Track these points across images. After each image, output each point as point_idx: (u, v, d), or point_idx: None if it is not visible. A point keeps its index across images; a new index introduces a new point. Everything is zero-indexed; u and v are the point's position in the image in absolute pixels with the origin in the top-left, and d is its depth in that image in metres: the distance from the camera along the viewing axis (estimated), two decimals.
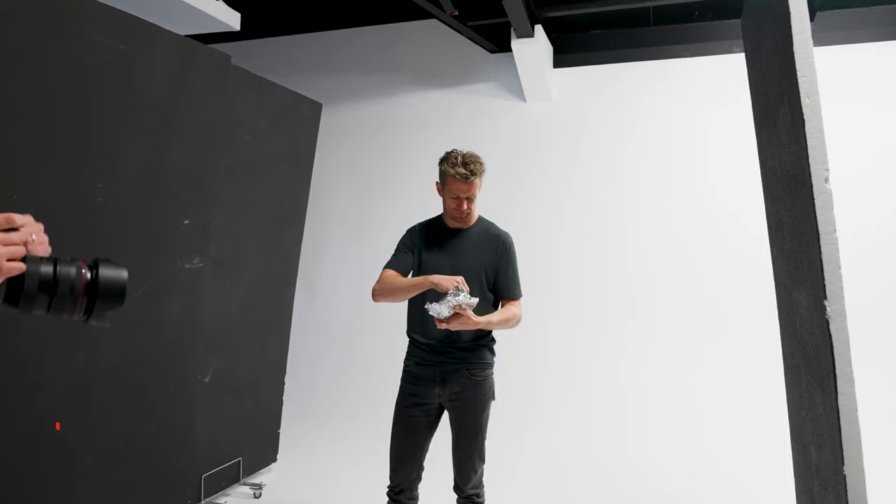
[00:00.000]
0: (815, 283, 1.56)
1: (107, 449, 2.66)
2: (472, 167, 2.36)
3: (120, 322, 2.66)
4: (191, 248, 2.97)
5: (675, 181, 5.01)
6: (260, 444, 3.79)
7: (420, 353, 2.50)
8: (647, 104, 5.14)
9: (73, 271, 0.91)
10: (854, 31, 4.62)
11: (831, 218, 1.47)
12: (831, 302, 1.46)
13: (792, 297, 1.97)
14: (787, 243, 1.95)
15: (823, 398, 1.61)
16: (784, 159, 1.81)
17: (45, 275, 0.89)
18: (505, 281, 2.47)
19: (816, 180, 1.48)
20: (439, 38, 5.64)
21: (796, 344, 1.97)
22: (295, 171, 3.82)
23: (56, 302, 0.90)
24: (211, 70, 2.93)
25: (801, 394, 1.94)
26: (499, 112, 5.47)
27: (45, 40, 2.21)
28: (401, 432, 2.49)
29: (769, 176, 2.15)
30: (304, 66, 5.84)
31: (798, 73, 1.51)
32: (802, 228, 1.66)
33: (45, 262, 0.90)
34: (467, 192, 2.38)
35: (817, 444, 1.76)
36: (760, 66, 2.08)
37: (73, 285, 0.91)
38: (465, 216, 2.45)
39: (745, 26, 2.34)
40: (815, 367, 1.69)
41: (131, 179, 2.63)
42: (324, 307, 5.62)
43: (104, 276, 0.94)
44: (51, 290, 0.89)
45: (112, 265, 0.96)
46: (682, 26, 5.10)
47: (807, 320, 1.76)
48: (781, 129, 1.81)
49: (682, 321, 4.79)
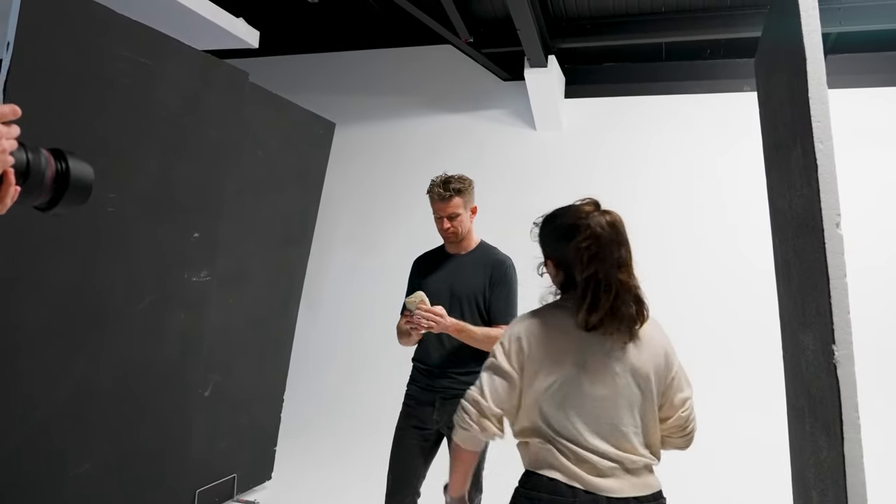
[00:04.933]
0: (822, 327, 1.56)
1: (102, 461, 2.65)
2: (452, 185, 2.39)
3: (123, 332, 2.66)
4: (199, 261, 2.98)
5: (684, 216, 5.02)
6: (255, 461, 3.76)
7: (421, 379, 2.50)
8: (657, 138, 5.17)
9: (42, 162, 0.89)
10: (862, 76, 4.66)
11: (842, 263, 1.48)
12: (839, 347, 1.46)
13: (797, 339, 1.96)
14: (795, 284, 1.95)
15: (829, 443, 1.60)
16: (794, 201, 1.82)
17: (20, 165, 0.87)
18: (496, 303, 2.41)
19: (828, 225, 1.49)
20: (453, 64, 5.70)
21: (801, 385, 1.96)
22: (305, 190, 3.84)
23: (22, 194, 0.88)
24: (228, 86, 2.97)
25: (805, 436, 1.93)
26: (509, 139, 5.51)
27: (68, 51, 2.24)
28: (398, 455, 2.48)
29: (778, 215, 2.16)
30: (318, 86, 5.90)
31: (812, 118, 1.52)
32: (811, 271, 1.66)
33: (18, 150, 0.87)
34: (446, 211, 2.40)
35: (820, 489, 1.75)
36: (773, 107, 2.10)
37: (42, 177, 0.89)
38: (451, 236, 2.45)
39: (759, 67, 2.37)
40: (820, 410, 1.68)
41: (143, 191, 2.65)
42: (325, 326, 5.61)
43: (75, 170, 0.92)
44: (22, 181, 0.87)
45: (79, 160, 0.94)
46: (694, 63, 5.16)
47: (812, 363, 1.75)
48: (793, 171, 1.82)
49: (693, 356, 4.76)
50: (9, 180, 0.85)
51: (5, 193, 0.85)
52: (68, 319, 2.43)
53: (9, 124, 0.84)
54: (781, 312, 2.23)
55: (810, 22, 1.57)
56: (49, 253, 2.31)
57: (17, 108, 0.85)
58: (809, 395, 1.81)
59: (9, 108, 0.84)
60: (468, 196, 2.45)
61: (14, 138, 0.85)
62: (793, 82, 1.70)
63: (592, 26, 4.92)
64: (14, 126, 0.85)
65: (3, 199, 0.85)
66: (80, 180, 0.93)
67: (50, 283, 2.34)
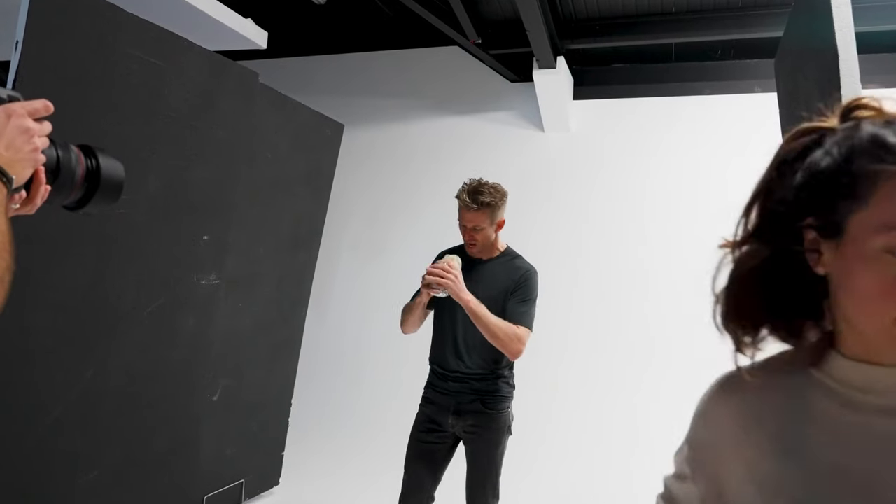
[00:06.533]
0: None
1: (112, 467, 2.61)
2: (480, 197, 2.29)
3: (132, 336, 2.63)
4: (208, 263, 2.95)
5: (693, 217, 4.97)
6: (263, 467, 3.72)
7: (438, 382, 2.46)
8: (666, 139, 5.13)
9: (72, 159, 0.86)
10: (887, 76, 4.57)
11: None
12: None
13: None
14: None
15: None
16: None
17: (50, 163, 0.83)
18: (514, 307, 2.31)
19: None
20: (461, 65, 5.67)
21: None
22: (314, 192, 3.81)
23: (52, 192, 0.85)
24: (238, 87, 2.93)
25: None
26: (517, 141, 5.47)
27: (77, 50, 2.20)
28: (413, 457, 2.45)
29: None
30: (325, 87, 5.87)
31: None
32: None
33: (48, 147, 0.84)
34: (471, 222, 2.33)
35: None
36: (797, 108, 2.05)
37: (73, 175, 0.86)
38: (470, 247, 2.40)
39: (780, 67, 2.33)
40: None
41: (153, 192, 2.61)
42: (333, 330, 5.57)
43: (105, 167, 0.88)
44: (52, 179, 0.84)
45: (109, 157, 0.90)
46: (704, 64, 5.12)
47: None
48: None
49: (701, 359, 4.72)
50: (39, 179, 0.81)
51: (35, 193, 0.81)
52: (78, 324, 2.40)
53: (41, 121, 0.80)
54: None
55: (842, 18, 1.53)
56: (59, 256, 2.28)
57: (49, 103, 0.81)
58: None
59: (41, 104, 0.80)
60: (497, 210, 2.35)
61: (46, 135, 0.81)
62: (822, 81, 1.66)
63: (601, 27, 4.88)
64: (46, 123, 0.81)
65: (34, 198, 0.81)
66: (111, 178, 0.89)
67: (60, 287, 2.30)
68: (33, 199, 0.82)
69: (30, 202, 0.82)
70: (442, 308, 2.43)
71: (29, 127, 0.78)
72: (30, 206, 0.82)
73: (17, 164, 0.76)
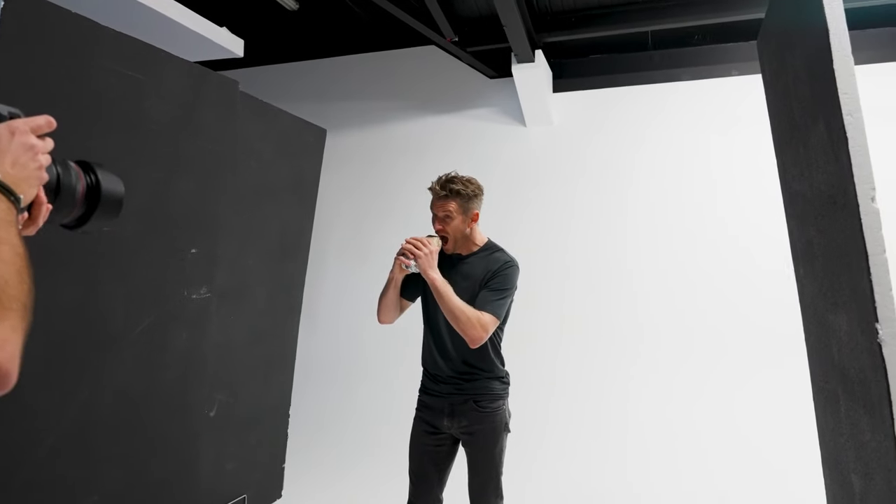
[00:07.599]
0: (861, 306, 1.52)
1: (111, 491, 2.55)
2: (451, 185, 2.29)
3: (125, 356, 2.57)
4: (198, 277, 2.90)
5: (679, 205, 4.99)
6: (264, 480, 3.67)
7: (430, 385, 2.43)
8: (648, 127, 5.15)
9: (72, 176, 0.83)
10: (875, 52, 4.57)
11: (880, 238, 1.43)
12: (884, 325, 1.41)
13: (825, 320, 1.92)
14: (819, 265, 1.91)
15: (873, 425, 1.55)
16: (818, 179, 1.78)
17: (51, 181, 0.80)
18: (484, 294, 2.25)
19: (863, 200, 1.44)
20: (439, 64, 5.65)
21: (832, 368, 1.91)
22: (299, 199, 3.76)
23: (52, 211, 0.81)
24: (219, 97, 2.89)
25: (840, 420, 1.89)
26: (499, 137, 5.46)
27: (55, 65, 2.15)
28: (416, 462, 2.42)
29: (795, 198, 2.11)
30: (304, 94, 5.82)
31: (839, 90, 1.48)
32: (842, 249, 1.62)
33: (49, 166, 0.81)
34: (441, 210, 2.32)
35: (863, 473, 1.70)
36: (784, 87, 2.05)
37: (73, 193, 0.83)
38: (445, 242, 2.35)
39: (764, 48, 2.33)
40: (860, 392, 1.63)
41: (139, 207, 2.56)
42: (326, 337, 5.52)
43: (105, 184, 0.86)
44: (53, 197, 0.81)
45: (108, 172, 0.87)
46: (681, 50, 5.14)
47: (847, 344, 1.71)
48: (814, 149, 1.78)
49: (690, 347, 4.74)
50: (40, 198, 0.77)
51: (37, 213, 0.77)
52: (70, 346, 2.34)
53: (43, 137, 0.76)
54: (803, 296, 2.19)
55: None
56: (46, 278, 2.22)
57: (52, 119, 0.77)
58: (844, 376, 1.77)
59: (44, 120, 0.76)
60: (469, 202, 2.32)
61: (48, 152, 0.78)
62: (812, 58, 1.66)
63: (577, 19, 4.89)
64: (48, 139, 0.77)
65: (36, 219, 0.77)
66: (112, 194, 0.86)
67: (50, 309, 2.24)
68: (35, 219, 0.78)
69: (32, 223, 0.78)
70: (430, 311, 2.40)
71: (33, 144, 0.74)
72: (32, 227, 0.78)
73: (24, 183, 0.72)
